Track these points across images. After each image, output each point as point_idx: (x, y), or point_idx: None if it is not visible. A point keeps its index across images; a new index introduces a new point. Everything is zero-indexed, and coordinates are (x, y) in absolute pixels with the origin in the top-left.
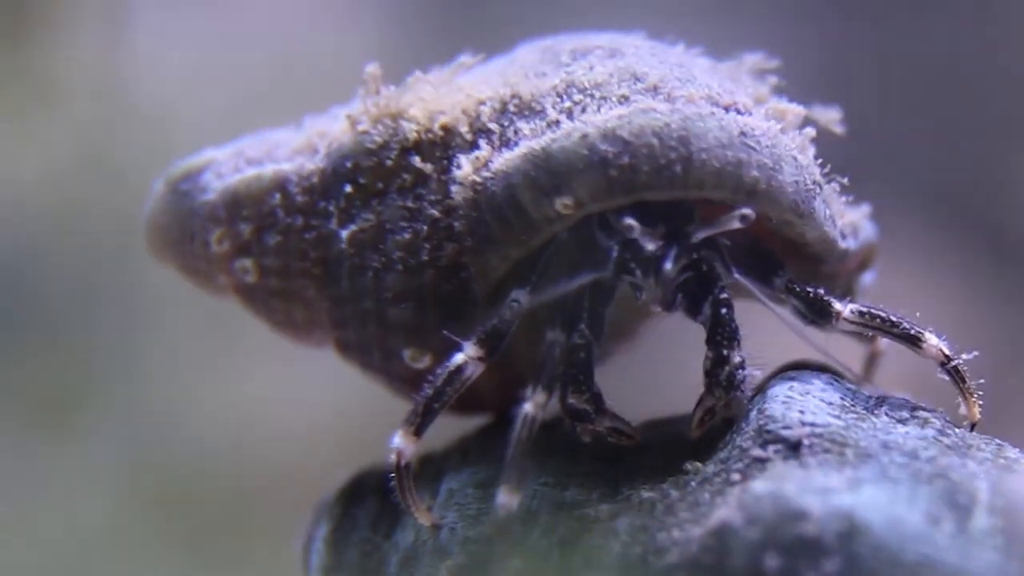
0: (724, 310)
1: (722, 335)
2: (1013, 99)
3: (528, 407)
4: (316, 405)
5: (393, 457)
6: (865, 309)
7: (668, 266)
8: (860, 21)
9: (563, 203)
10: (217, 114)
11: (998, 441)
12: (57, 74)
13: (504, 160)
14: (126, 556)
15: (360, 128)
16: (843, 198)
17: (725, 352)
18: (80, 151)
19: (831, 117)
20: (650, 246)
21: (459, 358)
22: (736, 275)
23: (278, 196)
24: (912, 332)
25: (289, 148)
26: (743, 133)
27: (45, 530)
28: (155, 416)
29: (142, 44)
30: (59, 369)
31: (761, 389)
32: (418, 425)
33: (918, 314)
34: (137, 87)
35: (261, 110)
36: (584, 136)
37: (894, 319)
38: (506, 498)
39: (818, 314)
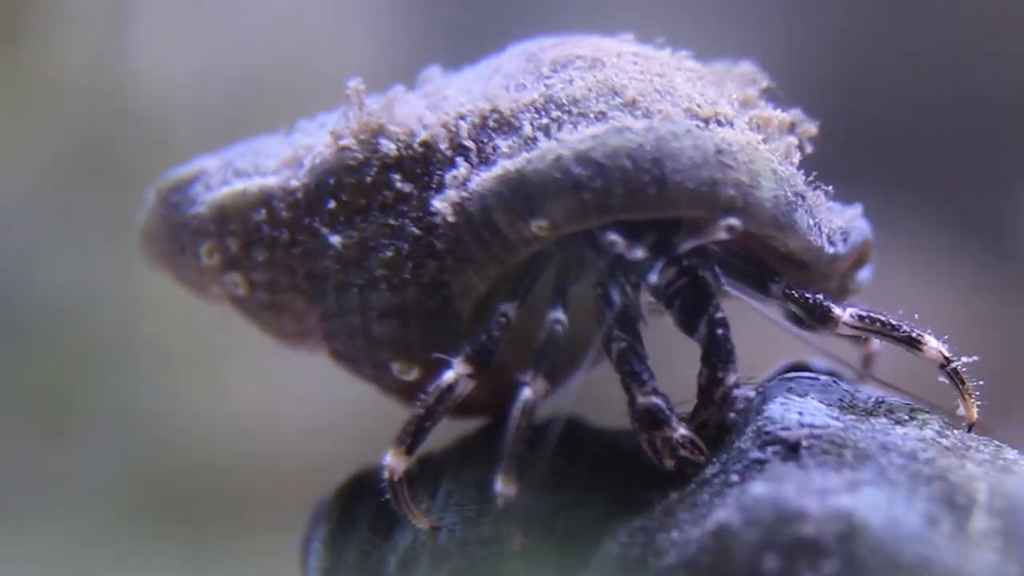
0: (720, 330)
1: (717, 356)
2: (1016, 98)
3: (527, 392)
4: (315, 405)
5: (386, 475)
6: (864, 313)
7: (653, 279)
8: (861, 19)
9: (538, 225)
10: (216, 114)
11: (997, 443)
12: (55, 74)
13: (481, 181)
14: (125, 556)
15: (341, 143)
16: (831, 203)
17: (720, 375)
18: (78, 151)
19: (809, 131)
20: (636, 258)
21: (449, 376)
22: (726, 285)
23: (263, 212)
24: (912, 335)
25: (277, 159)
26: (719, 151)
27: (44, 530)
28: (153, 417)
29: (141, 44)
30: (57, 371)
31: (760, 390)
32: (409, 444)
33: (917, 316)
34: (135, 87)
35: (260, 111)
36: (558, 159)
37: (894, 322)
38: (504, 487)
39: (817, 319)
